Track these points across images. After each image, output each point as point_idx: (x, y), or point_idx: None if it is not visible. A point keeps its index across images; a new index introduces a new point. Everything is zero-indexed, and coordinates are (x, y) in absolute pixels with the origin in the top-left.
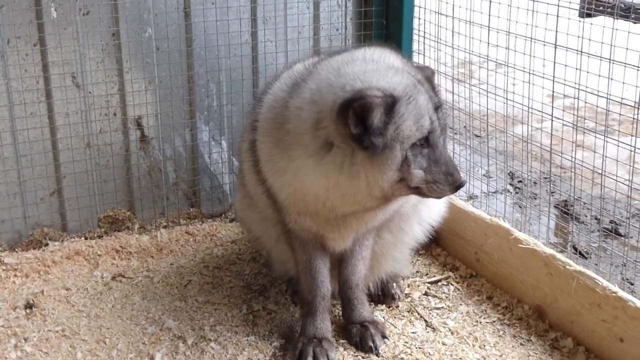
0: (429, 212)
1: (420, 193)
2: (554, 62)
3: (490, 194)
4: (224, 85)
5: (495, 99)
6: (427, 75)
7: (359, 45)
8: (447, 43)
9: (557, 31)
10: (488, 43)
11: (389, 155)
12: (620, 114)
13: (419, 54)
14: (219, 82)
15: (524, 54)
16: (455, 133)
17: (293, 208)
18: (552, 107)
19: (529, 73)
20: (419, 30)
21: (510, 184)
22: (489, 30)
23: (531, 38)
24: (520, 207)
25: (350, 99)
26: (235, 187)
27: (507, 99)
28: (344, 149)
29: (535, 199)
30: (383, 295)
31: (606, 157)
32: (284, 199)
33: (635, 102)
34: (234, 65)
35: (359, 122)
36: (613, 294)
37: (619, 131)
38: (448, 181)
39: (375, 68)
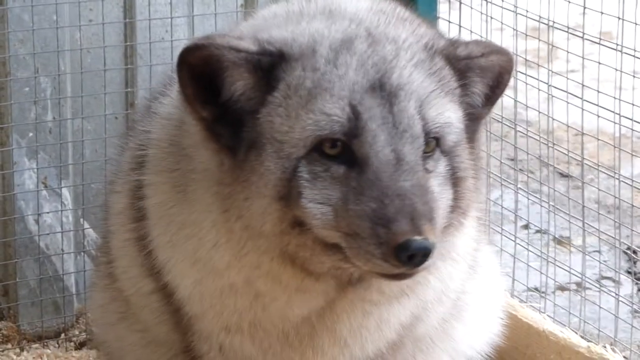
0: (470, 334)
1: (344, 258)
2: None
3: (585, 283)
4: (67, 81)
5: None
6: (473, 54)
7: None
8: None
9: None
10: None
11: (255, 165)
12: None
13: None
14: (56, 75)
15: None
16: (521, 169)
17: (211, 317)
18: None
19: None
20: None
21: (628, 272)
22: None
23: None
24: None
25: (185, 50)
26: (92, 282)
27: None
28: (210, 154)
29: None
30: None
31: None
32: (191, 296)
33: None
34: (86, 39)
35: (206, 93)
36: None
37: None
38: (378, 235)
39: (293, 10)
